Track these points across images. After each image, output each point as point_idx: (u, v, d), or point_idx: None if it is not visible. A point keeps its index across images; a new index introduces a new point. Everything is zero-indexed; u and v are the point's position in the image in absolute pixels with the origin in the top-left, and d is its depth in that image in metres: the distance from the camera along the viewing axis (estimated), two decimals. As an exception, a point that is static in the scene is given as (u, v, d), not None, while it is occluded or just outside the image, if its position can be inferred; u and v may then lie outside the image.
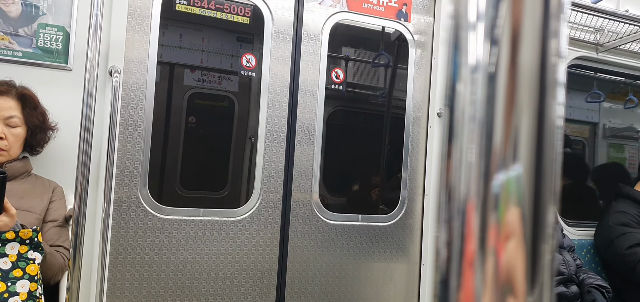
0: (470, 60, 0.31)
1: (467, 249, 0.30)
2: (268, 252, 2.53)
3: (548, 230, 0.29)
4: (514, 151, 0.29)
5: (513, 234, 0.29)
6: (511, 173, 0.29)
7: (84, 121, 1.76)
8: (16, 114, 1.86)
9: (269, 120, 2.53)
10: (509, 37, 0.30)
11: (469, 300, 0.30)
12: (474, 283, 0.29)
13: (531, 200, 0.29)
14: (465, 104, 0.31)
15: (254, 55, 2.56)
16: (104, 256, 2.05)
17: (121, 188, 2.27)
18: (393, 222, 2.78)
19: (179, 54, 2.49)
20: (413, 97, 2.82)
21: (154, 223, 2.33)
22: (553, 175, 0.29)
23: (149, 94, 2.31)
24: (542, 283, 0.29)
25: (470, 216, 0.30)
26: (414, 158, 2.82)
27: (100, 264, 2.05)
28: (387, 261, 2.77)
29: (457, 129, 0.31)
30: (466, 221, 0.30)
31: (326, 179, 2.72)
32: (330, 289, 2.65)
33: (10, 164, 1.85)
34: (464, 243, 0.30)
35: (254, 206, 2.51)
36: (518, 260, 0.29)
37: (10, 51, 2.06)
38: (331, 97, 2.72)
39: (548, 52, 0.30)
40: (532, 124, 0.29)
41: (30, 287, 1.62)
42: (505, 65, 0.30)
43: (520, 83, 0.29)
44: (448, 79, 0.32)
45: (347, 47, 2.82)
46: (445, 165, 0.32)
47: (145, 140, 2.30)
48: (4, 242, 1.60)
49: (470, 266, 0.30)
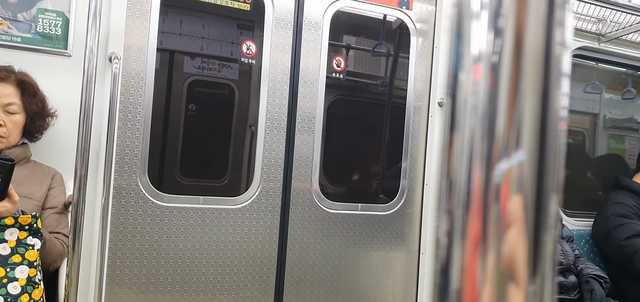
0: (473, 49, 0.30)
1: (468, 238, 0.30)
2: (268, 241, 2.54)
3: (550, 220, 0.29)
4: (516, 141, 0.29)
5: (515, 223, 0.29)
6: (514, 163, 0.29)
7: (84, 108, 1.76)
8: (15, 100, 1.86)
9: (269, 109, 2.52)
10: (513, 26, 0.29)
11: (469, 289, 0.30)
12: (475, 272, 0.29)
13: (534, 190, 0.29)
14: (468, 93, 0.31)
15: (254, 43, 2.55)
16: (104, 243, 2.05)
17: (121, 175, 2.27)
18: (392, 212, 2.79)
19: (179, 40, 2.48)
20: (414, 86, 2.81)
21: (154, 210, 2.33)
22: (556, 165, 0.29)
23: (148, 81, 2.31)
24: (543, 272, 0.29)
25: (472, 205, 0.30)
26: (414, 148, 2.82)
27: (100, 251, 2.05)
28: (386, 249, 2.78)
29: (459, 118, 0.31)
30: (467, 210, 0.30)
31: (326, 168, 2.72)
32: (330, 277, 2.66)
33: (9, 150, 1.85)
34: (465, 232, 0.30)
35: (254, 194, 2.51)
36: (520, 249, 0.29)
37: (9, 36, 2.05)
38: (332, 86, 2.71)
39: (552, 42, 0.29)
40: (535, 114, 0.29)
41: (30, 273, 1.62)
42: (508, 55, 0.29)
43: (524, 73, 0.29)
44: (450, 69, 0.32)
45: (348, 35, 2.81)
46: (446, 154, 0.31)
47: (144, 127, 2.30)
48: (3, 228, 1.61)
49: (471, 254, 0.30)
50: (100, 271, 2.06)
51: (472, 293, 0.29)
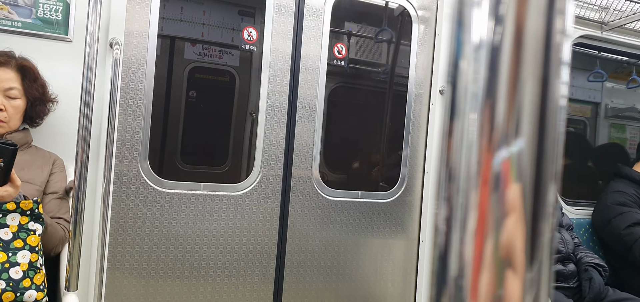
0: (474, 37, 0.30)
1: (466, 225, 0.30)
2: (268, 228, 2.55)
3: (548, 208, 0.29)
4: (516, 129, 0.29)
5: (513, 211, 0.29)
6: (513, 151, 0.29)
7: (84, 93, 1.76)
8: (16, 85, 1.86)
9: (270, 96, 2.52)
10: (514, 14, 0.29)
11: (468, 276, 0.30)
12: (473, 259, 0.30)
13: (532, 178, 0.29)
14: (468, 81, 0.31)
15: (255, 29, 2.54)
16: (105, 229, 2.06)
17: (121, 161, 2.27)
18: (392, 199, 2.79)
19: (180, 27, 2.47)
20: (415, 74, 2.80)
21: (155, 197, 2.34)
22: (555, 153, 0.29)
23: (149, 67, 2.30)
24: (541, 260, 0.29)
25: (470, 193, 0.30)
26: (415, 135, 2.82)
27: (101, 237, 2.06)
28: (386, 237, 2.79)
29: (459, 106, 0.31)
30: (466, 198, 0.30)
31: (327, 155, 2.72)
32: (329, 264, 2.67)
33: (10, 135, 1.85)
34: (464, 220, 0.30)
35: (255, 181, 2.52)
36: (518, 237, 0.29)
37: (9, 21, 2.05)
38: (333, 73, 2.70)
39: (553, 30, 0.29)
40: (535, 103, 0.29)
41: (31, 257, 1.63)
42: (509, 43, 0.29)
43: (524, 61, 0.29)
44: (451, 56, 0.32)
45: (350, 22, 2.80)
46: (446, 142, 0.32)
47: (145, 113, 2.30)
48: (5, 213, 1.61)
49: (470, 242, 0.30)
50: (101, 257, 2.07)
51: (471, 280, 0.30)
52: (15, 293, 1.58)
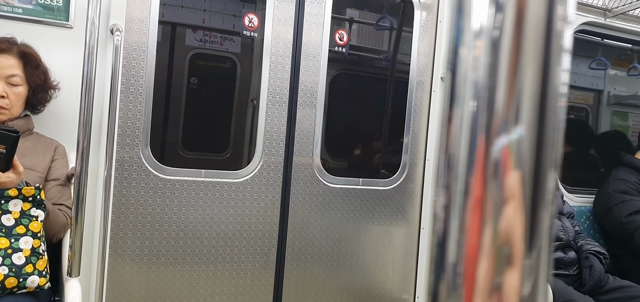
0: (474, 24, 0.30)
1: (465, 212, 0.30)
2: (269, 214, 2.56)
3: (548, 196, 0.29)
4: (515, 117, 0.29)
5: (512, 198, 0.29)
6: (513, 138, 0.29)
7: (85, 80, 1.75)
8: (17, 72, 1.85)
9: (271, 83, 2.51)
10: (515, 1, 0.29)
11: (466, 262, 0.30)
12: (472, 246, 0.30)
13: (532, 165, 0.29)
14: (468, 68, 0.30)
15: (256, 15, 2.53)
16: (106, 215, 2.07)
17: (123, 148, 2.27)
18: (394, 187, 2.79)
19: (181, 13, 2.46)
20: (417, 61, 2.79)
21: (156, 183, 2.34)
22: (555, 141, 0.29)
23: (150, 53, 2.29)
24: (540, 248, 0.29)
25: (469, 180, 0.30)
26: (416, 123, 2.81)
27: (103, 223, 2.07)
28: (387, 224, 2.79)
29: (459, 93, 0.31)
30: (465, 185, 0.30)
31: (328, 142, 2.72)
32: (330, 251, 2.68)
33: (12, 122, 1.85)
34: (463, 207, 0.30)
35: (256, 168, 2.52)
36: (517, 224, 0.29)
37: (10, 7, 2.04)
38: (334, 60, 2.69)
39: (554, 17, 0.29)
40: (535, 90, 0.29)
41: (33, 243, 1.64)
42: (509, 30, 0.29)
43: (525, 48, 0.29)
44: (451, 43, 0.32)
45: (352, 9, 2.78)
46: (445, 130, 0.31)
47: (146, 100, 2.30)
48: (8, 199, 1.62)
49: (469, 229, 0.30)
50: (103, 243, 2.08)
51: (469, 267, 0.30)
52: (18, 279, 1.59)
